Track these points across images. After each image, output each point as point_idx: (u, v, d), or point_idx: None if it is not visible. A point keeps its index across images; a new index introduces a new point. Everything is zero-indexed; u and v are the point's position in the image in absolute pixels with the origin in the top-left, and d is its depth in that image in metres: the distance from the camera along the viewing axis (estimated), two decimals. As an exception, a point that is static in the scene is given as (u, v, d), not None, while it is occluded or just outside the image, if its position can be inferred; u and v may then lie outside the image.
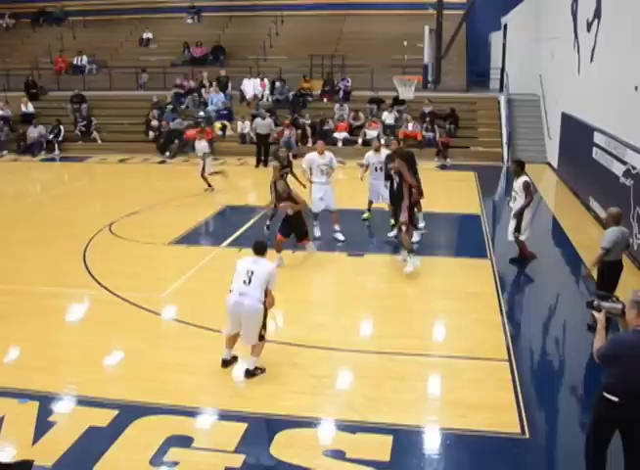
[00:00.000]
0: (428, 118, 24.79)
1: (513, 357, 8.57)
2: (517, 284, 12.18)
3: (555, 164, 21.78)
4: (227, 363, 8.31)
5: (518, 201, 12.09)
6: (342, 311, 10.07)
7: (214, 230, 15.04)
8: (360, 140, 24.42)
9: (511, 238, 12.32)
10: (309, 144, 24.12)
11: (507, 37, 27.59)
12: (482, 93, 27.86)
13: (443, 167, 22.67)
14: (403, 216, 11.77)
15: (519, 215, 12.02)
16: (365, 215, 15.22)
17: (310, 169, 14.04)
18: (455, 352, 8.84)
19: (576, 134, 18.66)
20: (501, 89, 26.85)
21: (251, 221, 15.26)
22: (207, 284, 11.40)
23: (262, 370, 8.13)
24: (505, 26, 28.19)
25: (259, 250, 8.23)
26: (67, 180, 22.89)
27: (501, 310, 10.14)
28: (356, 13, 32.47)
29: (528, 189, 11.99)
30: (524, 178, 12.07)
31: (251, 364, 8.11)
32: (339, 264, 12.65)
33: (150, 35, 33.39)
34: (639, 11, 13.37)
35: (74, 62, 31.51)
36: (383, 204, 14.44)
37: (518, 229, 12.10)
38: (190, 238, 14.24)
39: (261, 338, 8.09)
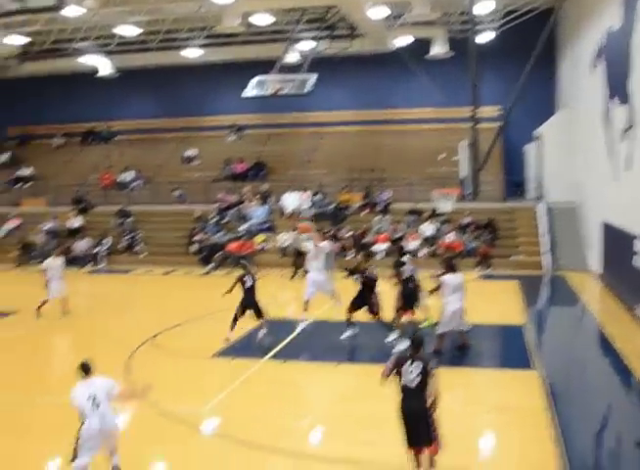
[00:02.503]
0: (468, 229, 24.97)
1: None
2: (566, 396, 11.77)
3: (597, 271, 21.66)
4: None
5: None
6: (384, 426, 9.21)
7: (257, 343, 15.03)
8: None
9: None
10: (349, 257, 24.34)
11: (541, 148, 28.06)
12: (520, 203, 28.11)
13: (484, 278, 22.62)
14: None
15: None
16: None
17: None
18: (503, 469, 8.56)
19: (617, 242, 18.64)
20: (538, 198, 27.09)
21: (294, 334, 15.27)
22: (251, 398, 11.36)
23: None
24: (539, 137, 28.70)
25: (87, 370, 8.12)
26: (111, 292, 23.29)
27: (551, 425, 9.80)
28: (394, 128, 33.40)
29: (441, 288, 13.26)
30: (442, 277, 13.34)
31: (117, 460, 8.15)
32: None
33: (193, 152, 34.58)
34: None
35: (121, 177, 32.69)
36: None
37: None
38: (233, 350, 14.19)
39: None
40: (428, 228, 25.39)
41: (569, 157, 26.44)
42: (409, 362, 7.85)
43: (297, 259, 23.31)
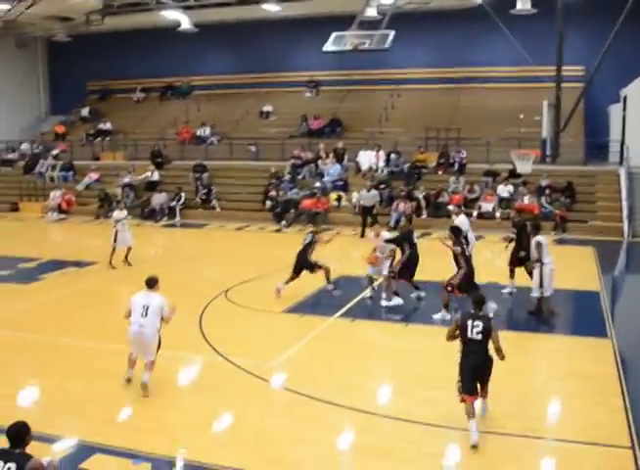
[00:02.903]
0: (546, 192, 24.39)
1: (637, 446, 8.05)
2: (638, 366, 11.56)
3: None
4: (130, 380, 9.69)
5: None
6: (449, 386, 8.79)
7: (327, 300, 15.12)
8: (475, 213, 24.19)
9: (535, 294, 13.22)
10: (424, 216, 24.15)
11: (627, 109, 27.06)
12: (601, 166, 27.25)
13: (560, 242, 22.11)
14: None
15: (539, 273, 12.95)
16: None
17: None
18: (571, 436, 8.44)
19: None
20: (621, 162, 26.23)
21: (365, 292, 15.29)
22: (319, 354, 11.49)
23: None
24: (625, 98, 27.68)
25: (151, 284, 9.62)
26: (186, 246, 23.79)
27: (623, 394, 9.62)
28: (471, 86, 32.64)
29: (539, 248, 12.93)
30: (536, 238, 13.16)
31: (147, 378, 9.38)
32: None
33: (270, 108, 34.64)
34: None
35: (198, 133, 33.07)
36: None
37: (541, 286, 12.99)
38: (303, 307, 14.38)
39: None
40: (504, 190, 24.92)
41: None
42: (471, 320, 8.28)
43: (364, 217, 23.46)
